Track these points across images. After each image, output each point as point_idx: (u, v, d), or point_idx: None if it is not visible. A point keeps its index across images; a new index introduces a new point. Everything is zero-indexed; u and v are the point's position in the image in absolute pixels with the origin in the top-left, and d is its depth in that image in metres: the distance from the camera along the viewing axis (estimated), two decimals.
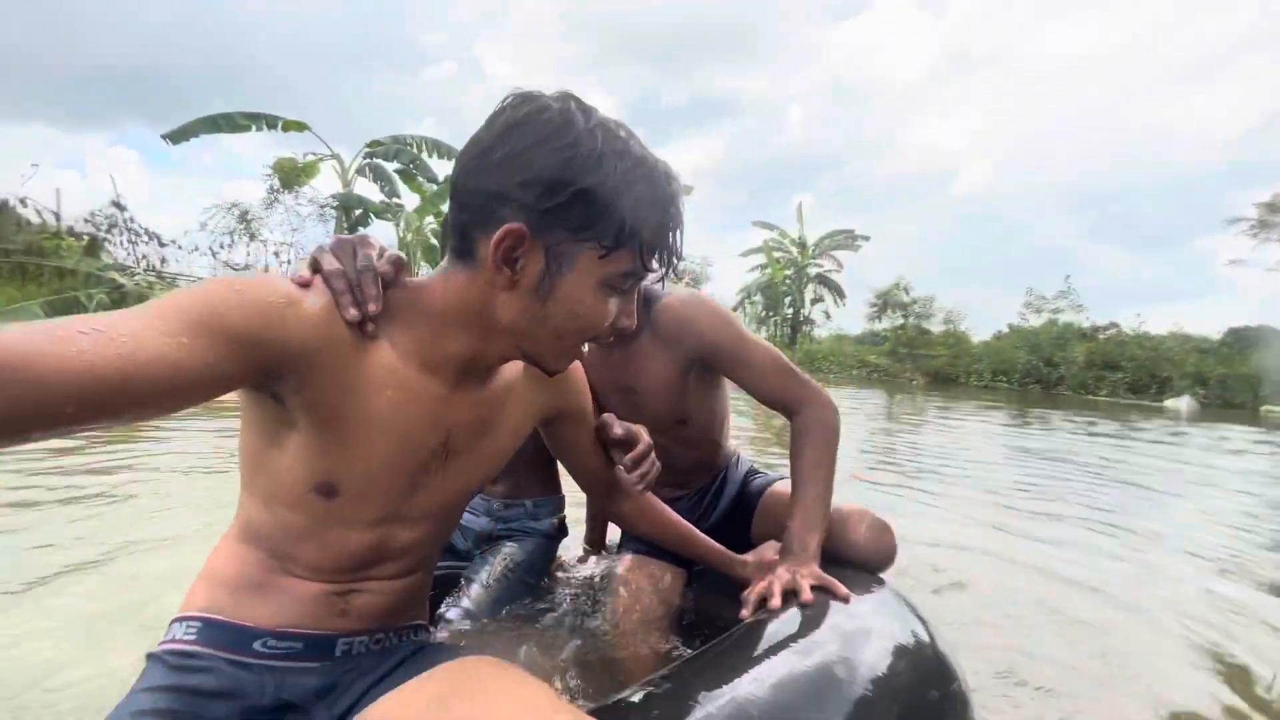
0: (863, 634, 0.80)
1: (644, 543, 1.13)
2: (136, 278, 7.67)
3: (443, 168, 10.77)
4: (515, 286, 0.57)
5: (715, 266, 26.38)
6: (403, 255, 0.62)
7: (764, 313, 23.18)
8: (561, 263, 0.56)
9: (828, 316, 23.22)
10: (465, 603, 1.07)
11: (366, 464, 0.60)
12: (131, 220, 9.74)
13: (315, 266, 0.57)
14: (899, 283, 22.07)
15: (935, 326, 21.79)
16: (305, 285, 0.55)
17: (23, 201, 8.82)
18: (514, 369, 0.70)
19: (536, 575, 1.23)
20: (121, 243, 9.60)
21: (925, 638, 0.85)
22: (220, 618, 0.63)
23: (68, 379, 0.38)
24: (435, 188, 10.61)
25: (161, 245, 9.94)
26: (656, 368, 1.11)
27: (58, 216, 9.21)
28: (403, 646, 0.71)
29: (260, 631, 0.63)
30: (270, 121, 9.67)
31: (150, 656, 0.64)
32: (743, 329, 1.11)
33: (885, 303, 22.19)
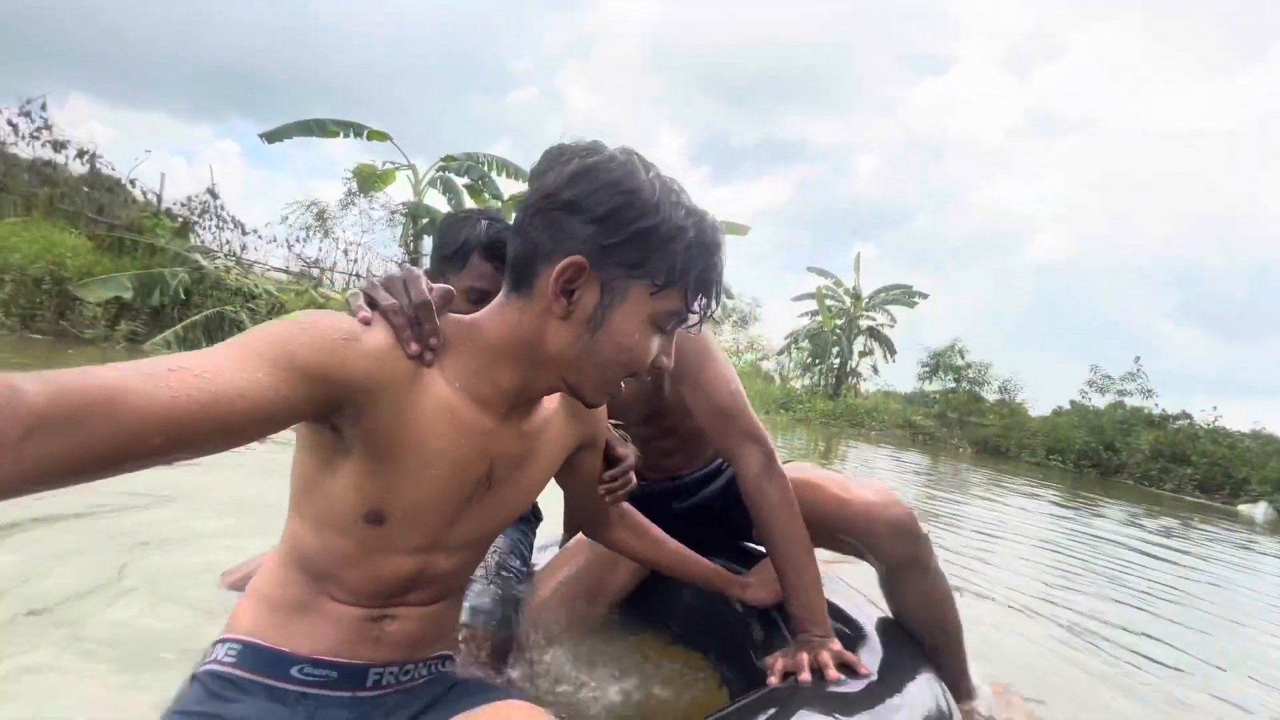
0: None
1: None
2: (217, 261, 8.26)
3: (509, 186, 11.18)
4: (569, 317, 0.61)
5: (765, 308, 26.22)
6: (451, 289, 0.65)
7: (809, 359, 22.78)
8: (614, 296, 0.61)
9: (875, 371, 22.62)
10: (473, 600, 1.09)
11: (416, 494, 0.63)
12: (222, 208, 10.52)
13: (371, 302, 0.60)
14: (955, 345, 21.38)
15: (989, 394, 20.91)
16: (366, 322, 0.58)
17: (132, 182, 9.73)
18: (551, 402, 0.74)
19: (524, 561, 1.28)
20: (210, 227, 10.35)
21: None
22: (261, 642, 0.66)
23: (157, 413, 0.41)
24: (499, 205, 11.03)
25: (244, 234, 10.63)
26: None
27: (159, 198, 10.06)
28: (433, 682, 0.74)
29: (297, 658, 0.65)
30: (357, 130, 10.33)
31: (193, 678, 0.66)
32: (710, 346, 1.06)
33: (938, 363, 21.49)
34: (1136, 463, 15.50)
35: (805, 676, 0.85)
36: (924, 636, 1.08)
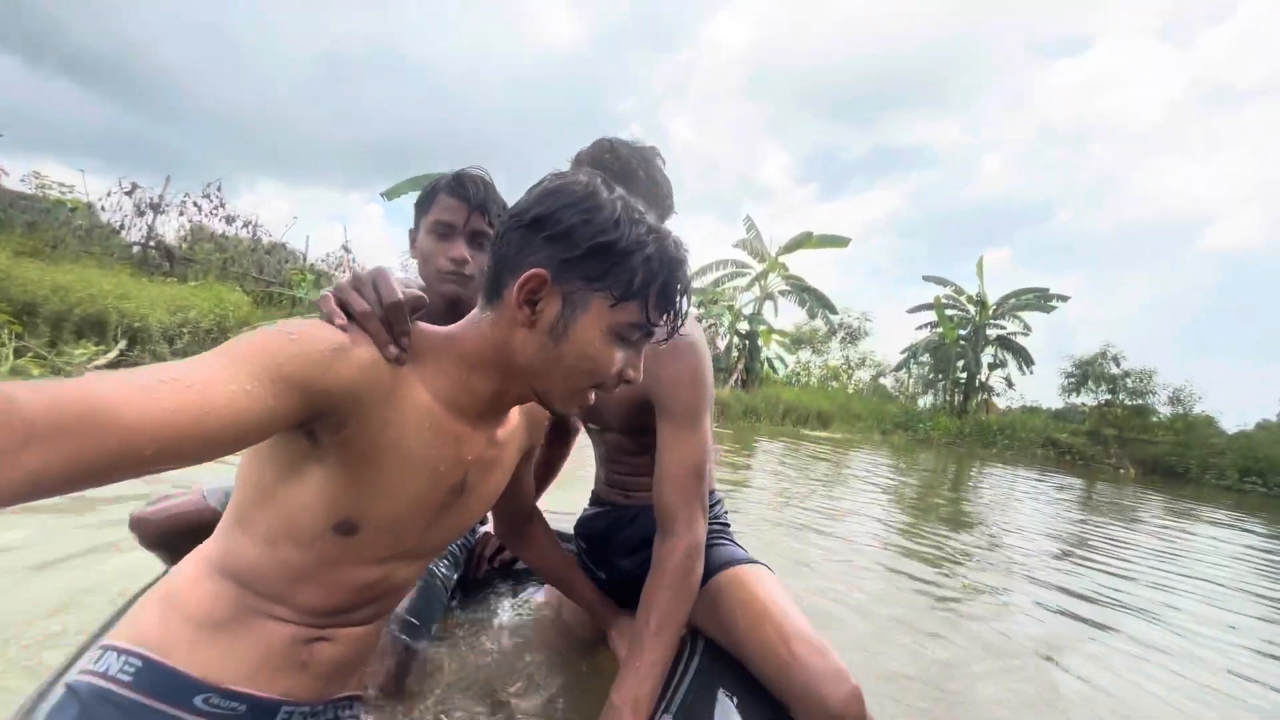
0: None
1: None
2: None
3: None
4: (534, 326, 0.63)
5: (877, 322, 24.68)
6: (423, 295, 0.65)
7: (931, 375, 20.94)
8: (576, 307, 0.63)
9: (1009, 385, 20.25)
10: (402, 611, 1.05)
11: (393, 501, 0.64)
12: (354, 261, 11.92)
13: (345, 309, 0.61)
14: (1106, 351, 18.69)
15: (1160, 406, 17.96)
16: (343, 328, 0.59)
17: (282, 245, 11.41)
18: (515, 411, 0.76)
19: (456, 566, 1.28)
20: (345, 277, 11.76)
21: None
22: (165, 661, 0.60)
23: (149, 424, 0.41)
24: None
25: None
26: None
27: (304, 256, 11.62)
28: None
29: (205, 686, 0.61)
30: None
31: (67, 687, 0.60)
32: (705, 407, 1.01)
33: (1085, 374, 18.87)
34: None
35: None
36: None
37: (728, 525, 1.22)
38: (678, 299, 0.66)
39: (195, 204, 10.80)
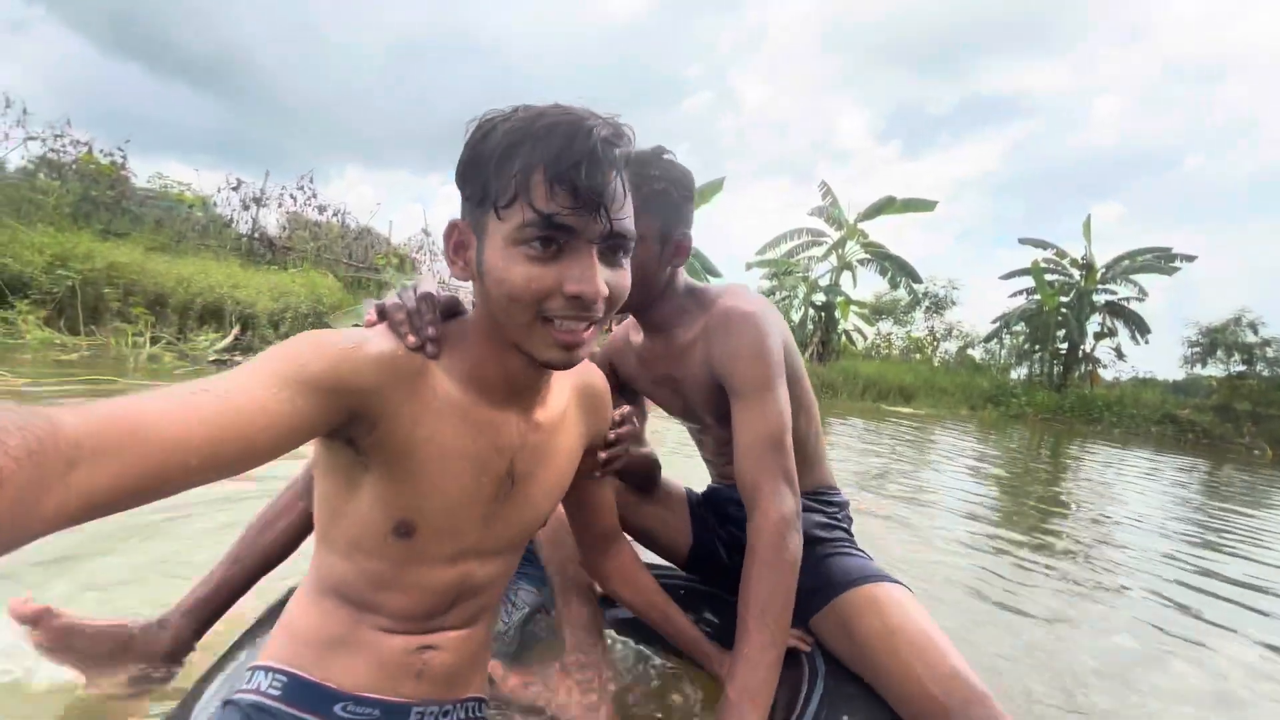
0: None
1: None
2: None
3: None
4: (468, 278, 0.61)
5: (966, 289, 23.05)
6: (457, 297, 0.67)
7: (1027, 345, 19.38)
8: (482, 236, 0.58)
9: (1119, 355, 18.42)
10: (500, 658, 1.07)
11: (443, 497, 0.63)
12: (434, 242, 12.47)
13: (381, 312, 0.64)
14: (1241, 316, 16.55)
15: None
16: (371, 324, 0.62)
17: (368, 230, 12.07)
18: (563, 396, 0.73)
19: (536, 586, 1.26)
20: (426, 259, 12.30)
21: None
22: (306, 675, 0.65)
23: (190, 435, 0.43)
24: None
25: None
26: (694, 364, 1.05)
27: (389, 241, 12.26)
28: None
29: (341, 695, 0.65)
30: None
31: (227, 704, 0.66)
32: (774, 378, 0.96)
33: (1214, 342, 16.82)
34: None
35: None
36: None
37: (851, 533, 1.16)
38: (581, 175, 0.53)
39: (291, 195, 11.61)
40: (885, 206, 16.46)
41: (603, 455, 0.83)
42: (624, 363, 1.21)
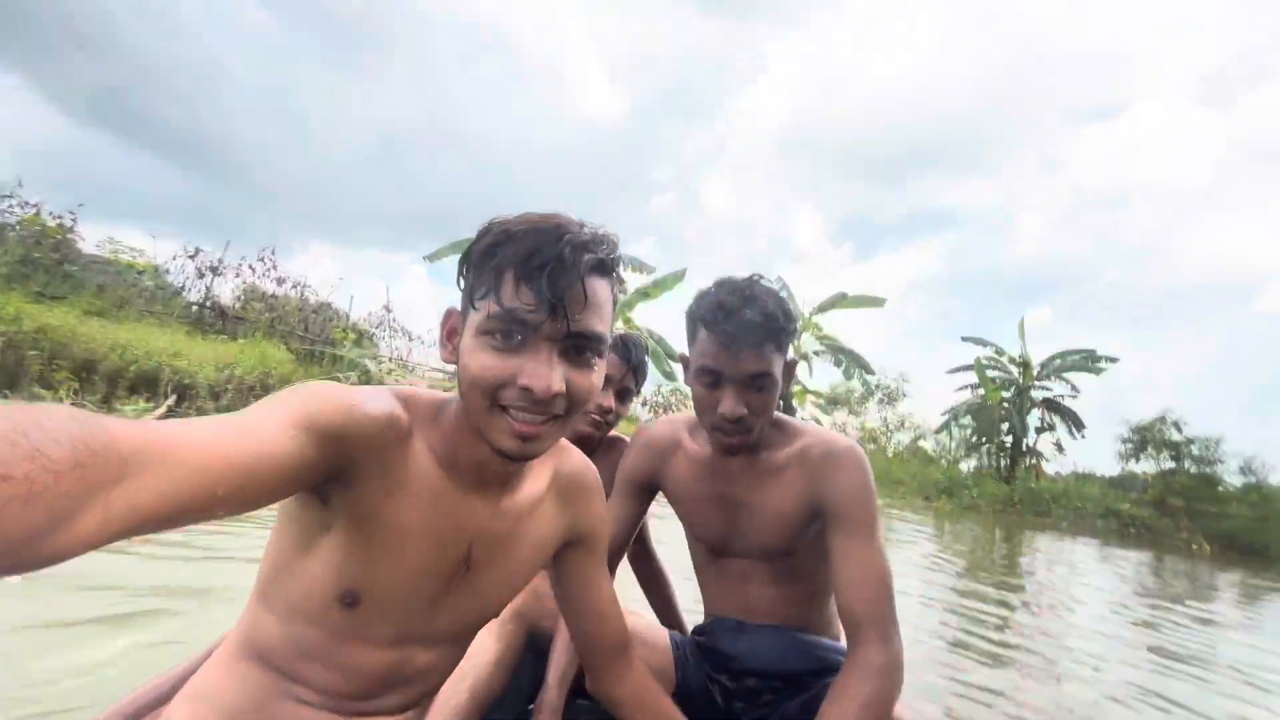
0: None
1: None
2: (382, 365, 9.53)
3: (633, 279, 11.83)
4: (454, 361, 0.63)
5: (915, 383, 24.03)
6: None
7: (974, 439, 20.09)
8: (462, 326, 0.63)
9: (1060, 450, 19.24)
10: None
11: (396, 571, 0.63)
12: (394, 320, 12.33)
13: None
14: (1165, 416, 17.67)
15: (1227, 475, 16.70)
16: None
17: (327, 304, 11.90)
18: (537, 486, 0.72)
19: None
20: (385, 337, 12.10)
21: None
22: None
23: (219, 461, 0.43)
24: (622, 296, 11.62)
25: (410, 340, 12.34)
26: (783, 490, 1.01)
27: (348, 316, 12.07)
28: None
29: None
30: None
31: None
32: (877, 520, 0.98)
33: (1145, 439, 17.81)
34: None
35: None
36: None
37: None
38: (546, 276, 0.57)
39: (251, 266, 11.42)
40: (839, 301, 17.37)
41: None
42: (672, 468, 1.12)
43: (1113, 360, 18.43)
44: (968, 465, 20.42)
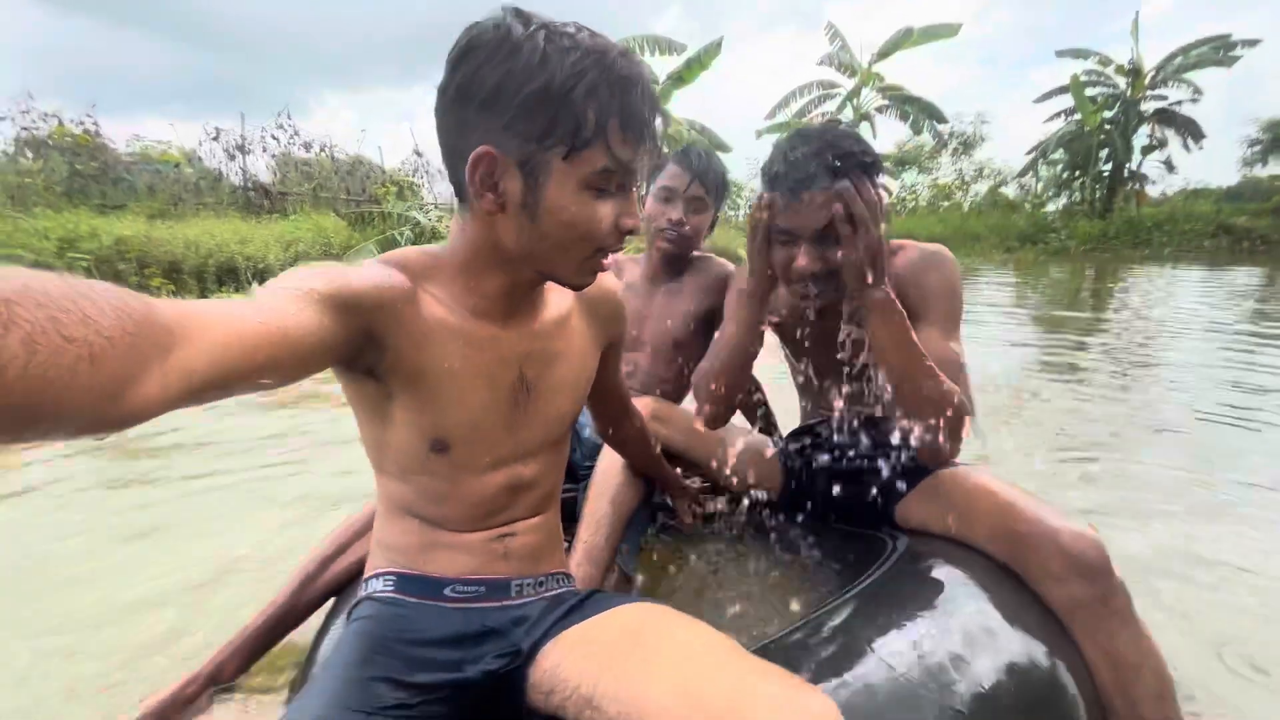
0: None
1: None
2: (430, 214, 9.45)
3: (661, 65, 10.52)
4: (505, 210, 0.60)
5: (995, 122, 21.31)
6: None
7: (1065, 174, 18.08)
8: (537, 175, 0.58)
9: (1169, 168, 17.03)
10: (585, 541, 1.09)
11: (464, 411, 0.67)
12: (428, 164, 11.90)
13: None
14: None
15: None
16: None
17: (360, 160, 11.56)
18: (563, 302, 0.75)
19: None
20: (425, 184, 11.84)
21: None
22: (412, 571, 0.73)
23: (254, 331, 0.45)
24: (656, 84, 10.53)
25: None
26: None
27: (383, 169, 11.75)
28: (568, 594, 0.79)
29: (448, 579, 0.72)
30: None
31: (353, 611, 0.74)
32: (959, 318, 1.05)
33: (1277, 137, 15.36)
34: None
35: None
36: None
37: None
38: (645, 121, 0.59)
39: (274, 136, 11.11)
40: (902, 41, 14.89)
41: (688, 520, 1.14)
42: (776, 302, 1.16)
43: (1252, 43, 15.17)
44: (1056, 206, 18.74)
